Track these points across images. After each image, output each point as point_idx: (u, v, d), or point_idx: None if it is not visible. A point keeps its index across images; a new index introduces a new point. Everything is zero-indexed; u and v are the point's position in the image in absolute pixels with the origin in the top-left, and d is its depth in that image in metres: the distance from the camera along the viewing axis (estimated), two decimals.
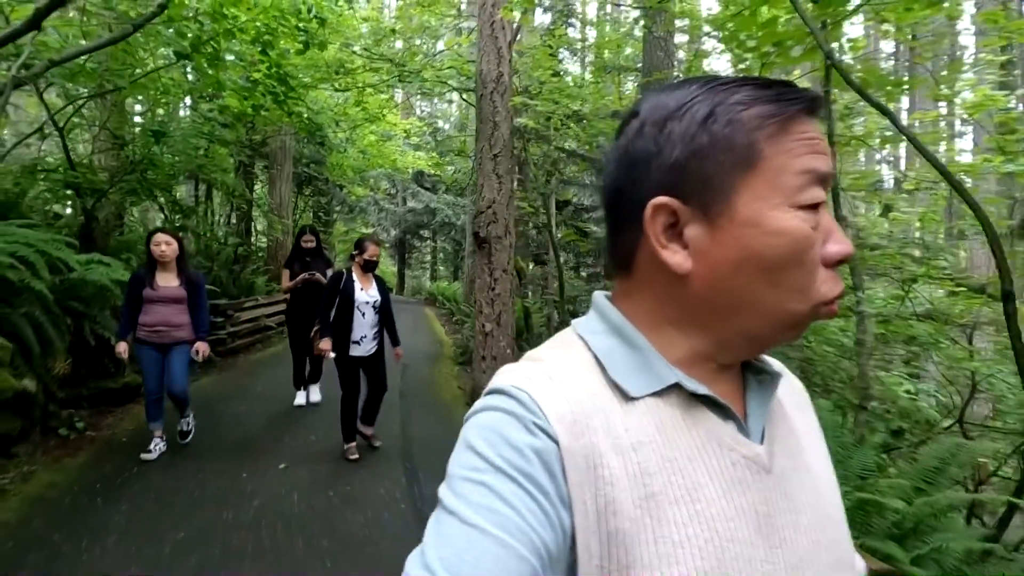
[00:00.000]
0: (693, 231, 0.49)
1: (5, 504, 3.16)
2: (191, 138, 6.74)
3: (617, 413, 0.48)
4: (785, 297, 0.47)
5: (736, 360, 0.53)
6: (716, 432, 0.49)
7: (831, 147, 2.87)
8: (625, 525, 0.44)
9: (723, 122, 0.47)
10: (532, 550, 0.40)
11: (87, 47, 3.93)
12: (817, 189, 0.47)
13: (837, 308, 0.49)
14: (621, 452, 0.46)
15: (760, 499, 0.48)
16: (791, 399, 0.61)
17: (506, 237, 5.72)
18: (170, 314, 3.84)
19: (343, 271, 4.06)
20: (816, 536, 0.50)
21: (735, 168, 0.47)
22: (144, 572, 2.55)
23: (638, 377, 0.50)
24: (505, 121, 5.75)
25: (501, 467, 0.43)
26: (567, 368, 0.51)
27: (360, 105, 8.15)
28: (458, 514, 0.42)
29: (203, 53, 4.99)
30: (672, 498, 0.45)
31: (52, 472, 3.63)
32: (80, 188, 5.76)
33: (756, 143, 0.47)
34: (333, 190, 15.40)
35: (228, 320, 7.67)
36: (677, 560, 0.43)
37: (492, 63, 5.74)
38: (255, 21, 5.03)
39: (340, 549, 2.86)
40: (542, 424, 0.45)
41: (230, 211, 11.38)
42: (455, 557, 0.39)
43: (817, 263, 0.47)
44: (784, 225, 0.46)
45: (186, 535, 2.89)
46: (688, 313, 0.51)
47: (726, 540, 0.45)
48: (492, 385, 0.50)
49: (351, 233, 24.37)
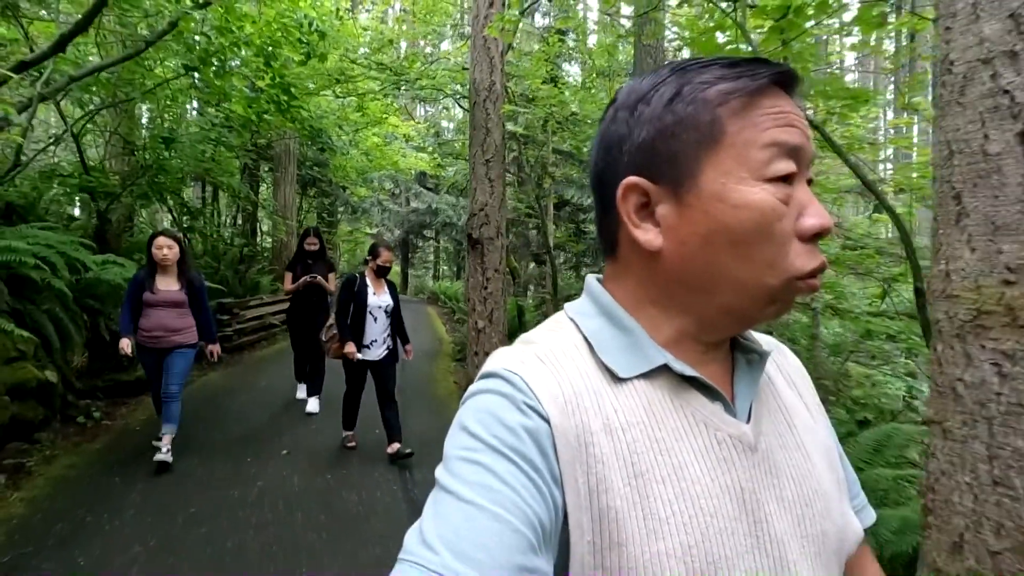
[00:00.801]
0: (664, 209, 0.50)
1: (31, 483, 3.47)
2: (198, 143, 7.06)
3: (607, 394, 0.49)
4: (756, 271, 0.48)
5: (720, 338, 0.54)
6: (702, 412, 0.51)
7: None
8: (616, 503, 0.45)
9: (687, 100, 0.49)
10: (527, 524, 0.42)
11: (105, 63, 4.23)
12: (785, 161, 0.47)
13: (818, 283, 0.49)
14: (611, 432, 0.47)
15: (745, 476, 0.50)
16: (785, 375, 0.63)
17: (498, 238, 6.00)
18: (168, 319, 3.80)
19: (356, 275, 4.13)
20: (800, 511, 0.52)
21: (700, 145, 0.48)
22: (161, 542, 2.83)
23: (627, 358, 0.51)
24: (497, 127, 6.03)
25: (495, 446, 0.44)
26: (558, 350, 0.52)
27: (361, 110, 8.49)
28: (455, 492, 0.43)
29: (210, 64, 5.29)
30: (659, 477, 0.47)
31: (72, 456, 3.93)
32: (94, 192, 6.08)
33: (720, 119, 0.48)
34: (336, 191, 15.70)
35: (234, 318, 7.98)
36: (663, 536, 0.45)
37: (485, 72, 6.02)
38: (259, 35, 5.32)
39: (336, 523, 3.14)
40: (533, 404, 0.46)
41: (236, 213, 11.71)
42: (453, 533, 0.40)
43: (789, 236, 0.48)
44: (749, 198, 0.47)
45: (196, 510, 3.19)
46: (665, 291, 0.52)
47: (709, 516, 0.47)
48: (485, 368, 0.51)
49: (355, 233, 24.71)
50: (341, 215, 20.34)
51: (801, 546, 0.50)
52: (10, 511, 3.12)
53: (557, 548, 0.45)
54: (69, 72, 3.87)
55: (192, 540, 2.87)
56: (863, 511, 0.63)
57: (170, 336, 3.79)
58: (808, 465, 0.55)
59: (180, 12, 4.45)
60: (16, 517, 3.06)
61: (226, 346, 7.65)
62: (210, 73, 5.40)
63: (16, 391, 3.76)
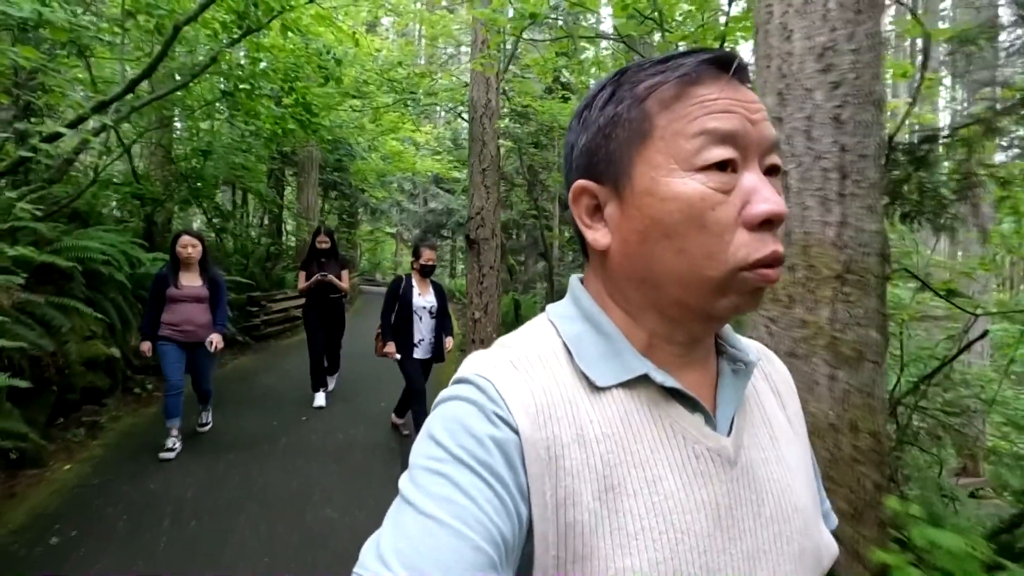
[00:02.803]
0: (610, 209, 0.51)
1: (104, 435, 4.34)
2: (231, 154, 7.95)
3: (583, 403, 0.48)
4: (695, 263, 0.46)
5: (692, 337, 0.52)
6: (681, 424, 0.49)
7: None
8: (583, 516, 0.44)
9: (617, 100, 0.49)
10: (489, 540, 0.40)
11: (159, 94, 5.08)
12: (720, 148, 0.45)
13: (774, 274, 0.46)
14: (584, 444, 0.46)
15: (722, 491, 0.48)
16: (772, 384, 0.61)
17: (493, 239, 6.75)
18: (194, 313, 3.94)
19: (402, 277, 4.24)
20: (778, 528, 0.51)
21: (631, 142, 0.48)
22: (205, 479, 3.64)
23: (606, 366, 0.50)
24: (492, 140, 6.77)
25: (460, 457, 0.43)
26: (534, 356, 0.50)
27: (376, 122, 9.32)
28: (415, 504, 0.41)
29: (242, 89, 6.14)
30: (631, 490, 0.45)
31: (133, 417, 4.81)
32: (143, 198, 7.00)
33: (648, 115, 0.47)
34: (356, 194, 16.61)
35: (261, 310, 8.87)
36: (631, 551, 0.44)
37: (482, 91, 6.76)
38: (284, 63, 6.15)
39: (345, 471, 3.92)
40: (503, 414, 0.45)
41: (263, 214, 12.69)
42: (410, 548, 0.39)
43: (729, 226, 0.45)
44: (677, 190, 0.46)
45: (234, 457, 4.01)
46: (620, 289, 0.52)
47: (681, 532, 0.45)
48: (458, 374, 0.50)
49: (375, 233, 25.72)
50: (361, 216, 21.31)
51: (776, 564, 0.49)
52: (92, 453, 3.98)
53: (519, 561, 0.43)
54: (132, 103, 4.72)
55: (230, 478, 3.68)
56: (827, 516, 0.62)
57: (196, 331, 3.95)
58: (789, 479, 0.54)
59: (218, 48, 5.27)
60: (97, 458, 3.91)
61: (254, 335, 8.57)
62: (242, 95, 6.26)
63: (89, 364, 4.63)
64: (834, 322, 1.92)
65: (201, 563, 2.66)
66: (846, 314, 1.92)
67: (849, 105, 1.93)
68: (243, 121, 7.55)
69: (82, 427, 4.33)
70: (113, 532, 2.91)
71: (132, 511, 3.13)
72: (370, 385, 6.19)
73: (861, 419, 1.93)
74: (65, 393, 4.29)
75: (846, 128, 1.93)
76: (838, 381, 1.92)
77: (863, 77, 1.95)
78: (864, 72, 1.96)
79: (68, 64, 5.16)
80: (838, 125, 1.93)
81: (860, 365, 1.93)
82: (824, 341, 1.94)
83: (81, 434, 4.24)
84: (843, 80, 1.94)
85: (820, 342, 1.94)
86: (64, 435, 4.12)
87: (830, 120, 1.94)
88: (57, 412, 4.26)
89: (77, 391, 4.44)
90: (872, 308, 1.95)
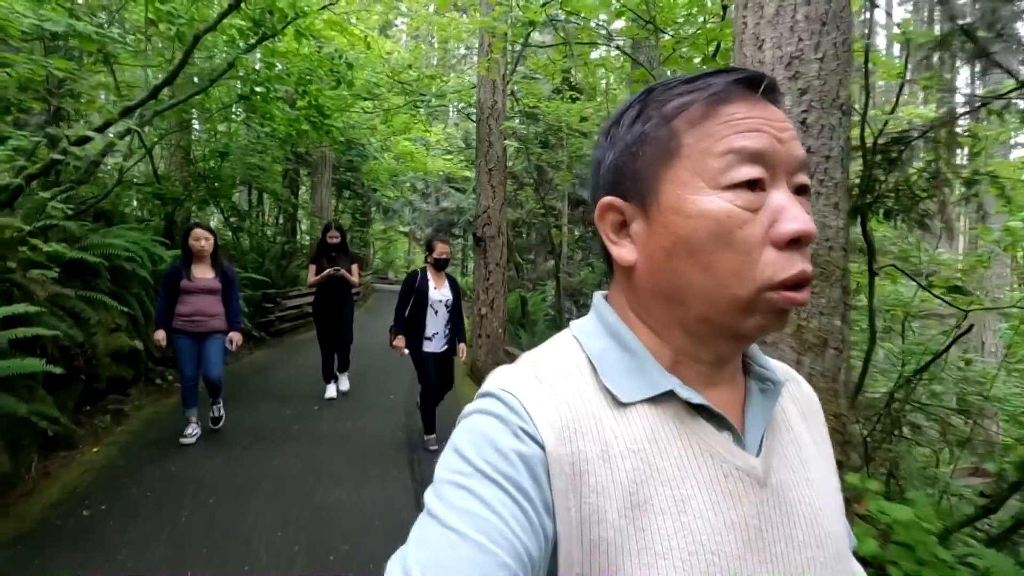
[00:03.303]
0: (636, 226, 0.51)
1: (128, 422, 4.59)
2: (247, 156, 8.23)
3: (608, 419, 0.48)
4: (720, 281, 0.46)
5: (718, 355, 0.51)
6: (709, 442, 0.48)
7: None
8: (609, 534, 0.43)
9: (646, 118, 0.50)
10: (514, 556, 0.40)
11: (180, 99, 5.34)
12: (748, 167, 0.46)
13: (802, 297, 0.46)
14: (609, 460, 0.46)
15: (752, 512, 0.47)
16: (799, 406, 0.60)
17: (498, 236, 6.93)
18: (205, 304, 4.04)
19: (418, 270, 4.24)
20: (812, 553, 0.49)
21: (658, 159, 0.49)
22: (223, 461, 3.87)
23: (631, 382, 0.49)
24: (498, 141, 6.95)
25: (485, 471, 0.43)
26: (560, 371, 0.50)
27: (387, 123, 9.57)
28: (440, 518, 0.41)
29: (258, 93, 6.39)
30: (659, 509, 0.45)
31: (154, 406, 5.06)
32: (164, 198, 7.29)
33: (676, 133, 0.48)
34: (368, 193, 16.89)
35: (276, 306, 9.15)
36: (659, 572, 0.43)
37: (488, 93, 6.95)
38: (297, 68, 6.39)
39: (351, 453, 4.13)
40: (529, 429, 0.45)
41: (278, 214, 13.00)
42: (434, 562, 0.39)
43: (757, 244, 0.45)
44: (703, 207, 0.46)
45: (249, 441, 4.24)
46: (646, 305, 0.52)
47: (711, 553, 0.44)
48: (484, 388, 0.50)
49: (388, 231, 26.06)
50: (374, 215, 21.64)
51: None
52: (117, 439, 4.23)
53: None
54: (154, 108, 4.98)
55: (246, 462, 3.90)
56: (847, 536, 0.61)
57: (208, 320, 4.06)
58: (820, 503, 0.52)
59: (236, 54, 5.51)
60: (122, 442, 4.16)
61: (269, 330, 8.84)
62: (258, 99, 6.50)
63: (115, 355, 4.89)
64: (799, 311, 2.07)
65: (219, 535, 2.87)
66: (811, 304, 2.07)
67: (815, 110, 2.08)
68: (259, 123, 7.81)
69: (108, 414, 4.58)
70: (139, 507, 3.14)
71: (156, 489, 3.36)
72: (380, 378, 6.41)
73: (825, 402, 2.07)
74: (92, 382, 4.55)
75: (811, 131, 2.07)
76: (803, 366, 2.07)
77: (829, 84, 2.10)
78: (830, 79, 2.11)
79: (94, 70, 5.43)
80: (804, 128, 2.08)
81: (824, 351, 2.08)
82: (791, 329, 2.09)
83: (107, 420, 4.49)
84: (809, 87, 2.09)
85: (787, 330, 2.09)
86: (91, 421, 4.38)
87: (797, 124, 2.09)
88: (85, 400, 4.52)
89: (103, 380, 4.70)
90: (836, 298, 2.10)
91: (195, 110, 7.45)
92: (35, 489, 3.31)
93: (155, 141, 6.65)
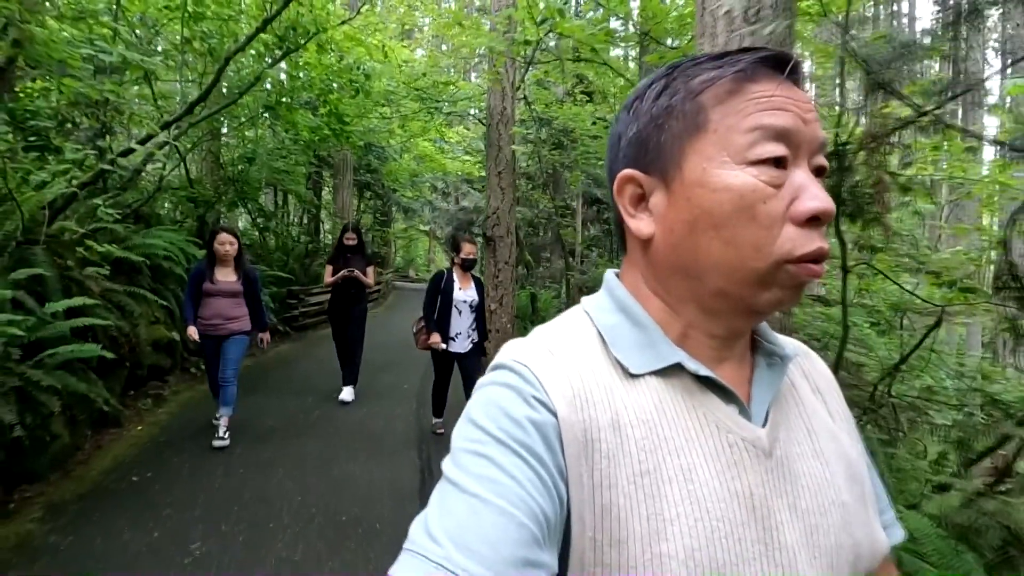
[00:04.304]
0: (655, 199, 0.52)
1: (167, 405, 5.09)
2: (273, 160, 8.74)
3: (619, 389, 0.49)
4: (742, 254, 0.47)
5: (730, 330, 0.53)
6: (716, 414, 0.50)
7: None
8: (620, 500, 0.45)
9: (673, 92, 0.50)
10: (531, 517, 0.41)
11: (211, 111, 5.82)
12: (772, 144, 0.47)
13: (820, 269, 0.47)
14: (619, 428, 0.47)
15: (757, 481, 0.48)
16: (812, 381, 0.62)
17: (507, 236, 7.29)
18: (226, 307, 4.09)
19: (443, 271, 4.30)
20: (815, 520, 0.50)
21: (684, 133, 0.49)
22: (252, 440, 4.30)
23: (640, 355, 0.51)
24: (507, 145, 7.30)
25: (501, 439, 0.44)
26: (570, 343, 0.52)
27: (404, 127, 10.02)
28: (460, 485, 0.43)
29: (282, 103, 6.86)
30: (666, 477, 0.46)
31: (190, 391, 5.56)
32: (196, 200, 7.82)
33: (703, 108, 0.49)
34: (388, 194, 17.42)
35: (300, 303, 9.66)
36: (668, 537, 0.44)
37: (498, 100, 7.30)
38: (319, 78, 6.84)
39: (367, 437, 4.54)
40: (541, 397, 0.47)
41: (302, 214, 13.58)
42: (457, 526, 0.41)
43: (778, 219, 0.47)
44: (729, 181, 0.47)
45: (274, 424, 4.68)
46: (662, 280, 0.53)
47: (716, 520, 0.46)
48: (496, 360, 0.52)
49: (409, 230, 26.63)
50: (395, 214, 22.21)
51: (812, 557, 0.49)
52: (158, 419, 4.72)
53: (561, 542, 0.45)
54: (189, 120, 5.46)
55: (271, 441, 4.34)
56: (891, 528, 0.61)
57: (227, 324, 4.11)
58: (827, 474, 0.54)
59: (263, 68, 5.98)
60: (162, 422, 4.65)
61: (293, 325, 9.36)
62: (283, 109, 6.98)
63: (155, 345, 5.39)
64: None
65: (247, 498, 3.30)
66: None
67: None
68: (284, 129, 8.31)
69: (149, 398, 5.08)
70: (179, 474, 3.59)
71: (193, 461, 3.81)
72: (395, 371, 6.85)
73: None
74: (135, 369, 5.05)
75: None
76: None
77: (784, 37, 2.35)
78: (782, 32, 2.35)
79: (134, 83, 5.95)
80: None
81: None
82: None
83: (148, 403, 4.99)
84: (771, 41, 2.34)
85: None
86: (135, 403, 4.88)
87: None
88: (129, 385, 5.02)
89: (144, 368, 5.20)
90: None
91: (224, 118, 7.97)
92: (90, 459, 3.79)
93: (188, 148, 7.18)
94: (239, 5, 6.12)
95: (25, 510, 3.06)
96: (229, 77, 6.68)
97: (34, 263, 3.67)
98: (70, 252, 4.07)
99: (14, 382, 3.11)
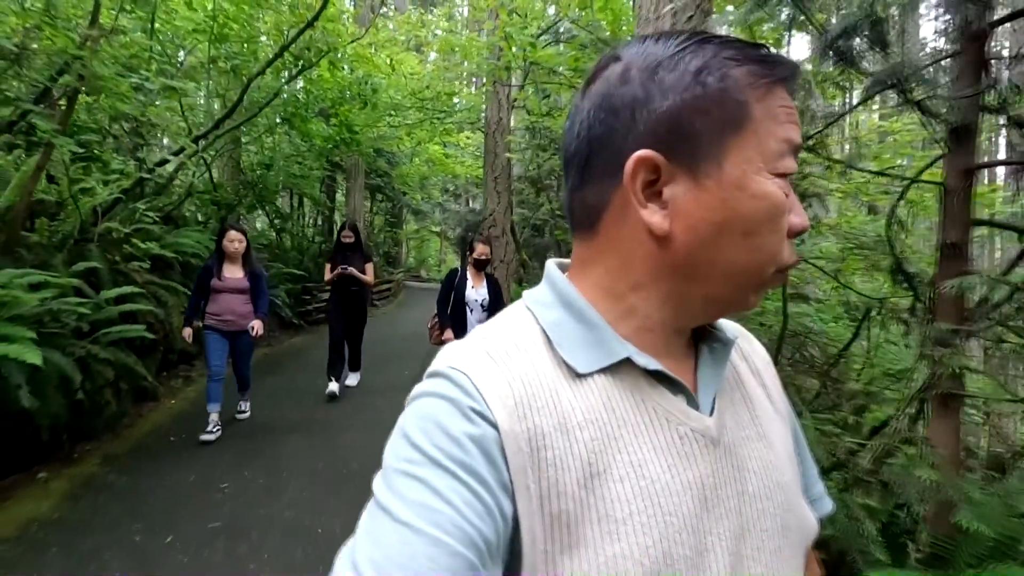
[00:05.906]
0: (674, 190, 0.46)
1: (195, 385, 5.77)
2: (289, 166, 9.45)
3: (565, 391, 0.47)
4: (759, 259, 0.47)
5: (690, 326, 0.53)
6: (664, 406, 0.48)
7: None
8: (569, 506, 0.43)
9: (717, 76, 0.45)
10: (468, 544, 0.39)
11: (234, 125, 6.50)
12: (791, 160, 0.47)
13: (787, 277, 0.51)
14: (567, 432, 0.45)
15: (707, 471, 0.48)
16: (750, 363, 0.61)
17: (503, 237, 7.89)
18: (235, 303, 4.17)
19: (457, 268, 4.41)
20: (762, 504, 0.51)
21: (726, 127, 0.45)
22: (271, 414, 4.94)
23: (587, 353, 0.48)
24: (503, 152, 7.91)
25: (437, 459, 0.42)
26: (511, 345, 0.49)
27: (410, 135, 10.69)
28: (390, 511, 0.40)
29: (297, 115, 7.54)
30: (617, 476, 0.45)
31: None
32: (219, 203, 8.54)
33: (748, 103, 0.45)
34: (399, 196, 18.12)
35: (313, 298, 10.35)
36: (620, 537, 0.43)
37: (495, 111, 7.92)
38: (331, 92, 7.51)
39: (369, 411, 5.17)
40: (480, 409, 0.44)
41: (316, 216, 14.32)
42: (385, 559, 0.38)
43: (786, 231, 0.48)
44: (767, 189, 0.45)
45: (287, 402, 5.34)
46: (657, 277, 0.49)
47: (669, 515, 0.45)
48: (432, 367, 0.49)
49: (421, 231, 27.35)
50: (406, 216, 22.93)
51: (761, 540, 0.49)
52: (188, 396, 5.40)
53: (508, 556, 0.43)
54: (215, 133, 6.15)
55: (286, 416, 4.99)
56: (820, 500, 0.62)
57: (238, 320, 4.23)
58: (771, 457, 0.54)
59: (280, 85, 6.66)
60: (192, 398, 5.33)
61: (307, 319, 10.04)
62: (298, 120, 7.66)
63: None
64: None
65: (267, 455, 3.95)
66: None
67: None
68: (299, 138, 9.01)
69: (179, 379, 5.77)
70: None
71: (221, 428, 4.47)
72: (399, 359, 7.48)
73: None
74: (168, 353, 5.73)
75: None
76: None
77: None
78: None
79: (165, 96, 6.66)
80: None
81: None
82: None
83: (179, 383, 5.68)
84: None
85: None
86: (168, 382, 5.57)
87: None
88: (162, 367, 5.71)
89: (176, 352, 5.89)
90: None
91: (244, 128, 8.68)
92: (135, 424, 4.47)
93: (213, 156, 7.88)
94: (260, 27, 6.81)
95: (87, 459, 3.74)
96: (250, 93, 7.38)
97: (89, 257, 4.36)
98: (116, 249, 4.75)
99: (81, 352, 3.78)
